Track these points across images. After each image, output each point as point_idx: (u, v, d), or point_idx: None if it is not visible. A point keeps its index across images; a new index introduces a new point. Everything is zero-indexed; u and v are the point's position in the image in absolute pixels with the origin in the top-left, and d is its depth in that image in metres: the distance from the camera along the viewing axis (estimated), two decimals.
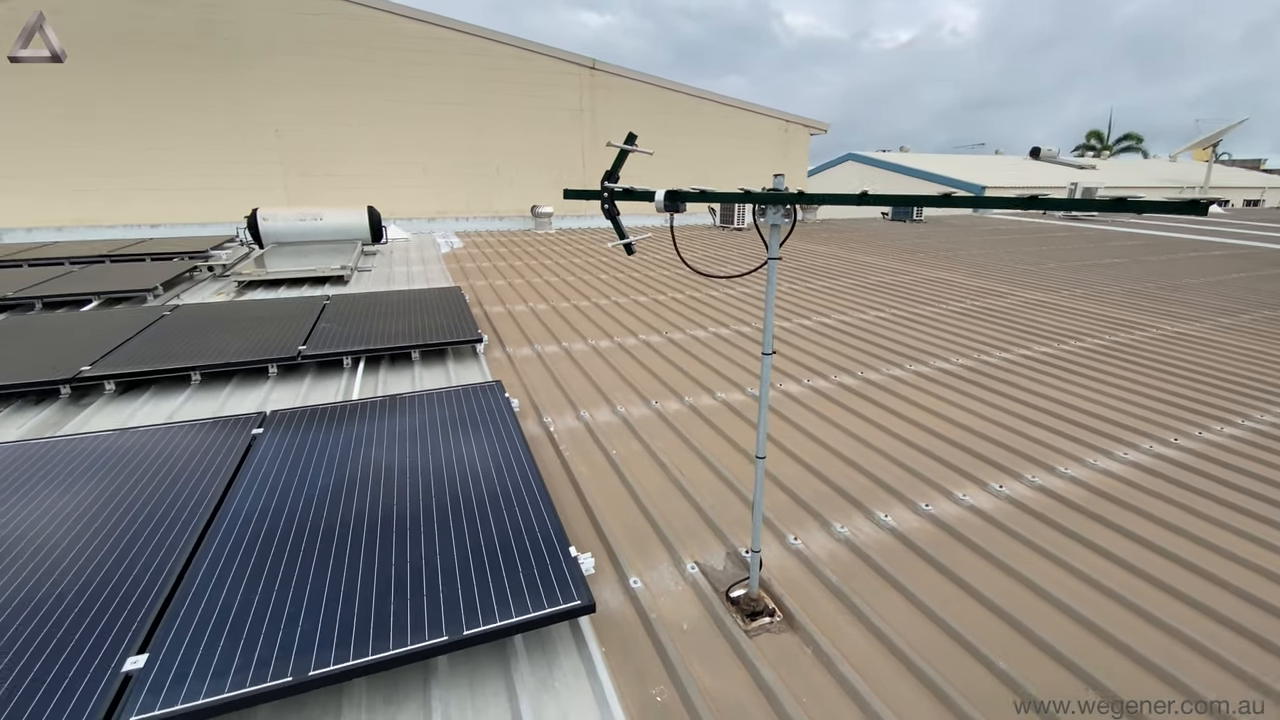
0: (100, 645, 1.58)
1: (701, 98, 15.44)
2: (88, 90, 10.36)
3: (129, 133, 10.74)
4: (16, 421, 3.21)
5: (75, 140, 10.46)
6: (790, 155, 16.91)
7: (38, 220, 10.48)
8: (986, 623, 1.95)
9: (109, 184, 10.81)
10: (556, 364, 4.31)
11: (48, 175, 10.43)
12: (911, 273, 8.25)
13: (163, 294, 6.08)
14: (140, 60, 10.57)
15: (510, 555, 1.93)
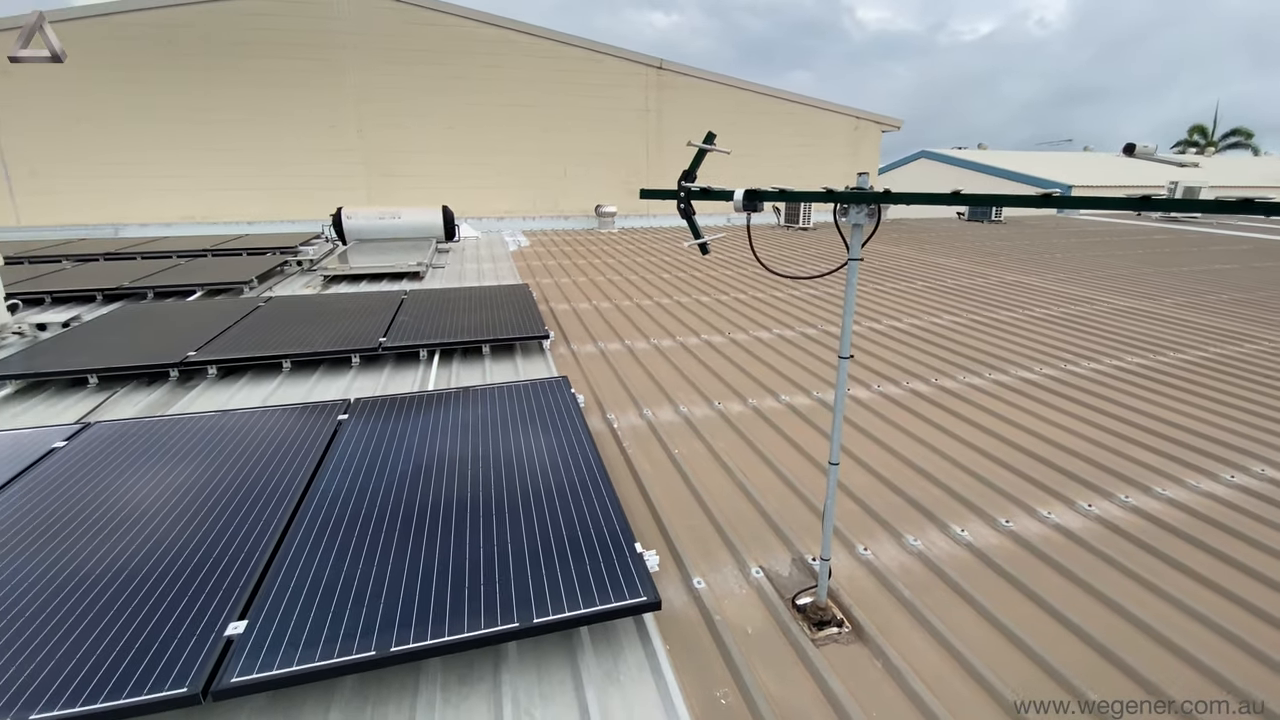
0: (205, 609, 1.71)
1: (768, 95, 15.20)
2: (201, 100, 11.25)
3: (232, 137, 11.59)
4: (134, 400, 3.53)
5: (187, 145, 11.39)
6: (861, 153, 16.42)
7: (151, 217, 11.48)
8: (1071, 647, 1.84)
9: (213, 184, 11.70)
10: (619, 361, 4.35)
11: (161, 176, 11.39)
12: (990, 276, 7.86)
13: (257, 286, 6.54)
14: (246, 73, 11.38)
15: (578, 548, 1.97)
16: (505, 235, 12.15)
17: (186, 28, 11.01)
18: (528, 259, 9.05)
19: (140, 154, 11.22)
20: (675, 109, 14.50)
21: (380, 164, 12.58)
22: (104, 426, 2.83)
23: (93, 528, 2.08)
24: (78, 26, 10.57)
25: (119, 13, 10.72)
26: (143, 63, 10.95)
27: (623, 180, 14.48)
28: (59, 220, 11.08)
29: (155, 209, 11.49)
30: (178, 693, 1.45)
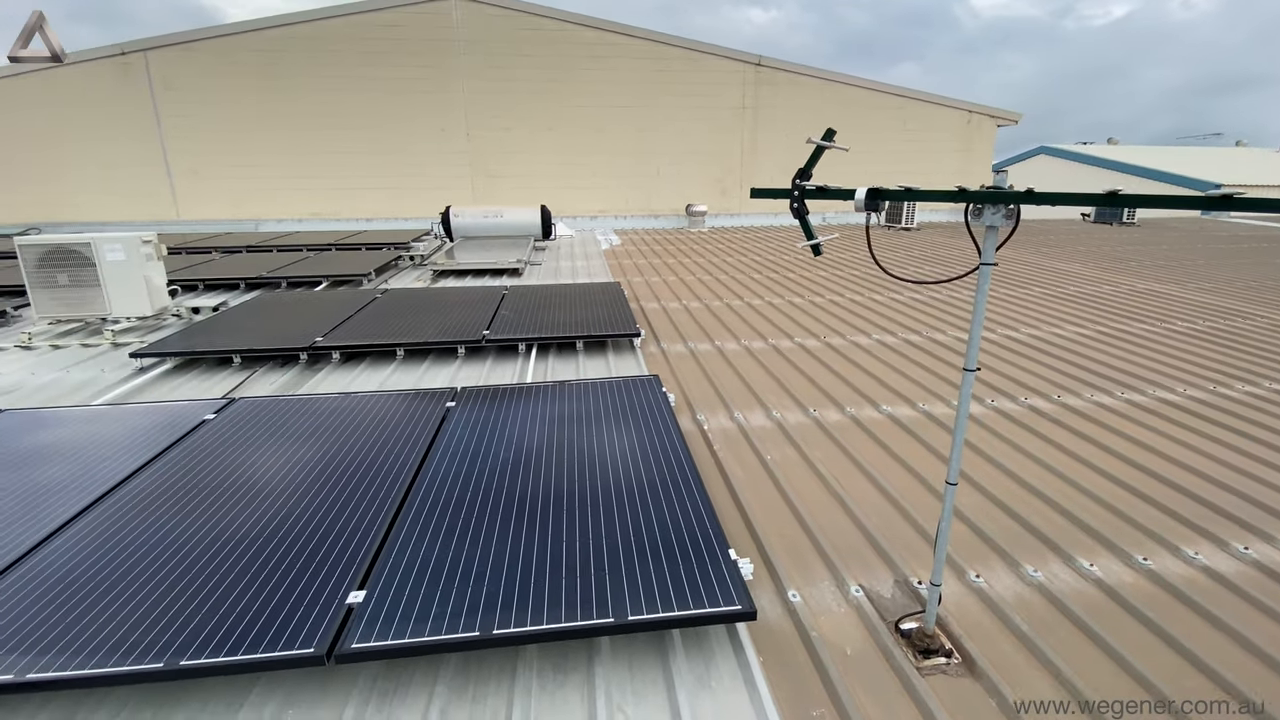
0: (330, 577, 1.85)
1: (871, 89, 14.53)
2: (329, 106, 12.28)
3: (355, 141, 12.55)
4: (270, 379, 3.90)
5: (316, 149, 12.46)
6: (974, 149, 15.36)
7: (285, 213, 12.67)
8: (1221, 711, 1.63)
9: (337, 184, 12.74)
10: (709, 362, 4.31)
11: (294, 177, 12.54)
12: (1119, 283, 7.12)
13: (374, 279, 7.05)
14: (370, 81, 12.30)
15: (670, 549, 1.96)
16: (598, 234, 12.39)
17: (321, 39, 12.02)
18: (619, 257, 9.18)
19: (277, 157, 12.39)
20: (773, 105, 14.18)
21: (485, 164, 13.18)
22: (246, 403, 3.14)
23: (233, 495, 2.31)
24: (228, 42, 11.82)
25: (264, 28, 11.87)
26: (281, 73, 12.07)
27: (715, 179, 14.36)
28: (210, 215, 12.47)
29: (288, 206, 12.66)
30: (305, 652, 1.57)
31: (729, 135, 14.23)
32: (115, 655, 1.57)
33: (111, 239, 4.62)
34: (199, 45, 11.74)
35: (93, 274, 4.55)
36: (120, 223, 12.13)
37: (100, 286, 4.57)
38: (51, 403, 3.53)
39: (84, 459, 2.54)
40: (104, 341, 4.60)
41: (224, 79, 11.93)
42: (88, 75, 11.55)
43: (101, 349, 4.51)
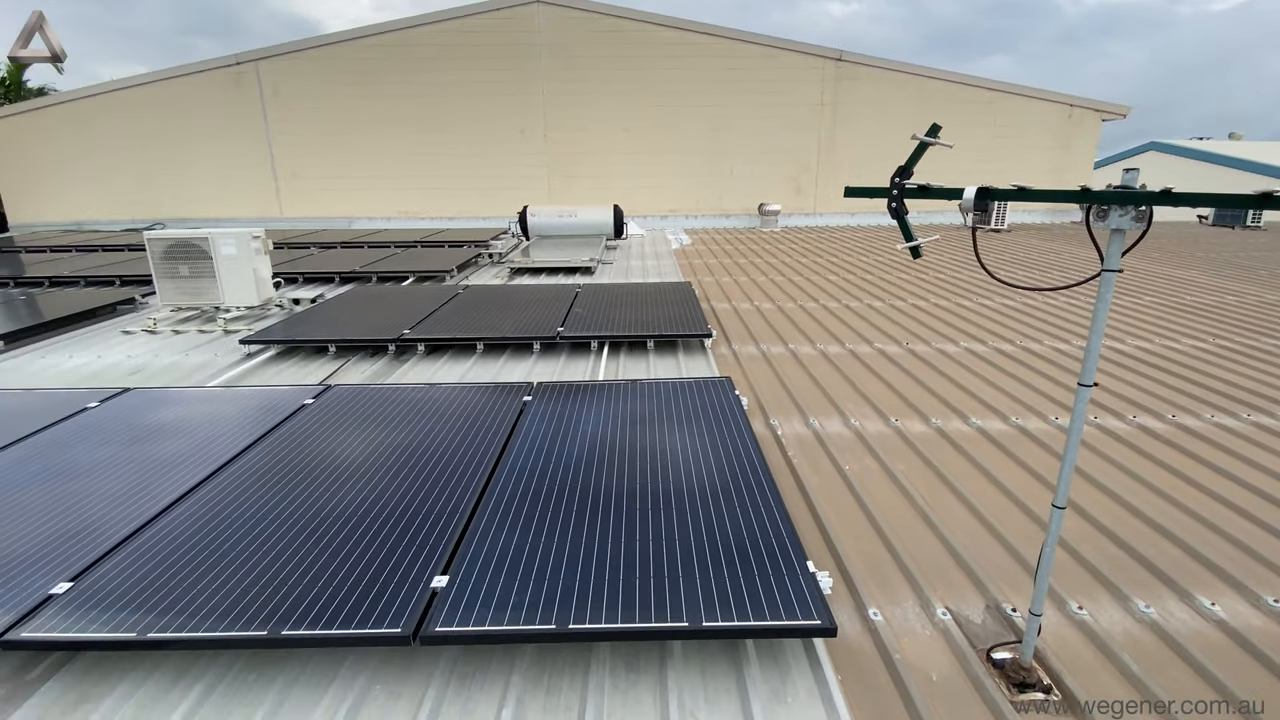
0: (415, 560, 1.93)
1: (960, 83, 13.79)
2: (416, 110, 12.89)
3: (439, 143, 13.12)
4: (361, 368, 4.13)
5: (403, 150, 13.11)
6: (1074, 146, 14.29)
7: (374, 212, 13.42)
8: None
9: (422, 185, 13.37)
10: (783, 366, 4.21)
11: (383, 177, 13.25)
12: (1244, 293, 6.43)
13: (456, 275, 7.34)
14: (455, 85, 12.82)
15: (746, 556, 1.93)
16: (668, 233, 12.39)
17: (409, 47, 12.62)
18: (689, 257, 9.14)
19: (368, 158, 13.13)
20: (853, 101, 13.71)
21: (560, 165, 13.46)
22: (341, 389, 3.33)
23: (329, 476, 2.45)
24: (328, 51, 12.61)
25: (359, 38, 12.59)
26: (373, 80, 12.77)
27: (789, 177, 14.05)
28: (308, 213, 13.36)
29: (378, 205, 13.40)
30: (392, 632, 1.64)
31: (805, 133, 13.87)
32: (225, 620, 1.69)
33: (225, 234, 5.03)
34: (303, 55, 12.59)
35: (209, 266, 4.98)
36: (231, 219, 13.21)
37: (215, 278, 4.98)
38: (172, 383, 3.88)
39: (200, 436, 2.78)
40: (217, 328, 5.02)
41: (323, 86, 12.74)
42: (207, 84, 12.63)
43: (214, 335, 4.92)
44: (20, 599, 1.78)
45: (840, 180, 14.07)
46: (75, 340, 4.89)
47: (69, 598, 1.78)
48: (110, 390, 3.34)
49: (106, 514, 2.18)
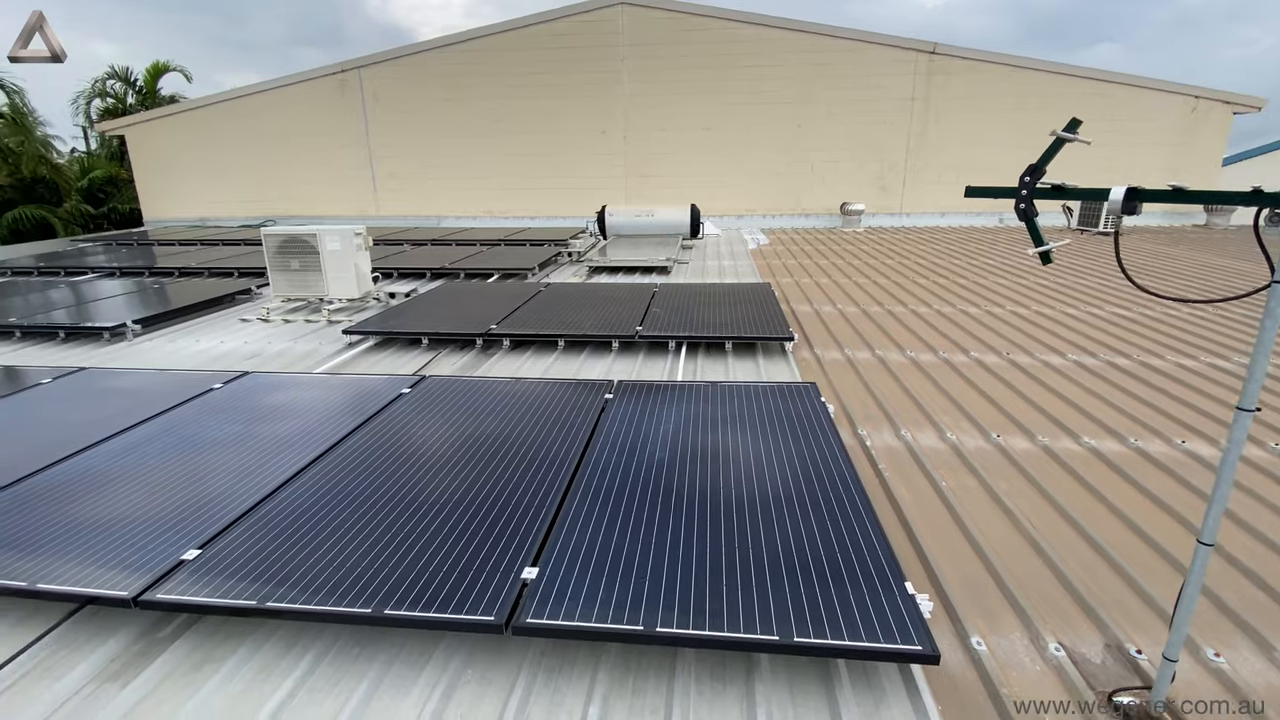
0: (506, 550, 1.98)
1: (1067, 74, 12.79)
2: (501, 113, 13.33)
3: (523, 144, 13.51)
4: (451, 361, 4.31)
5: (488, 152, 13.60)
6: (1198, 141, 12.96)
7: (462, 211, 14.00)
8: None
9: (505, 185, 13.82)
10: (870, 373, 4.04)
11: (470, 178, 13.80)
12: None
13: (537, 273, 7.53)
14: (539, 88, 13.17)
15: (838, 573, 1.85)
16: (744, 233, 12.21)
17: (497, 51, 13.06)
18: (767, 257, 8.96)
19: (457, 159, 13.70)
20: (947, 97, 13.01)
21: (638, 165, 13.54)
22: (434, 380, 3.48)
23: (425, 462, 2.56)
24: (422, 57, 13.24)
25: (451, 44, 13.14)
26: (463, 84, 13.29)
27: (875, 175, 13.51)
28: (401, 211, 14.11)
29: (464, 204, 13.97)
30: (486, 619, 1.69)
31: (893, 129, 13.30)
32: (334, 596, 1.79)
33: (331, 231, 5.37)
34: (401, 61, 13.29)
35: (316, 261, 5.34)
36: (333, 216, 14.13)
37: (321, 271, 5.34)
38: (283, 368, 4.19)
39: (310, 419, 2.97)
40: (321, 319, 5.38)
41: (418, 90, 13.40)
42: (315, 90, 13.57)
43: (319, 325, 5.27)
44: (156, 562, 1.96)
45: (929, 179, 13.40)
46: (200, 326, 5.39)
47: (197, 564, 1.94)
48: (231, 373, 3.64)
49: (230, 487, 2.37)
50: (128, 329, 4.99)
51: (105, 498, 2.33)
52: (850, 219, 13.01)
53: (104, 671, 1.76)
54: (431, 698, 1.63)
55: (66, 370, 3.80)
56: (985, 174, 13.22)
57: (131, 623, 1.92)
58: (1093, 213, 11.65)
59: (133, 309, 5.47)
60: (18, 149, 14.90)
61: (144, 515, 2.21)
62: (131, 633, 1.89)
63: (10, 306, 5.72)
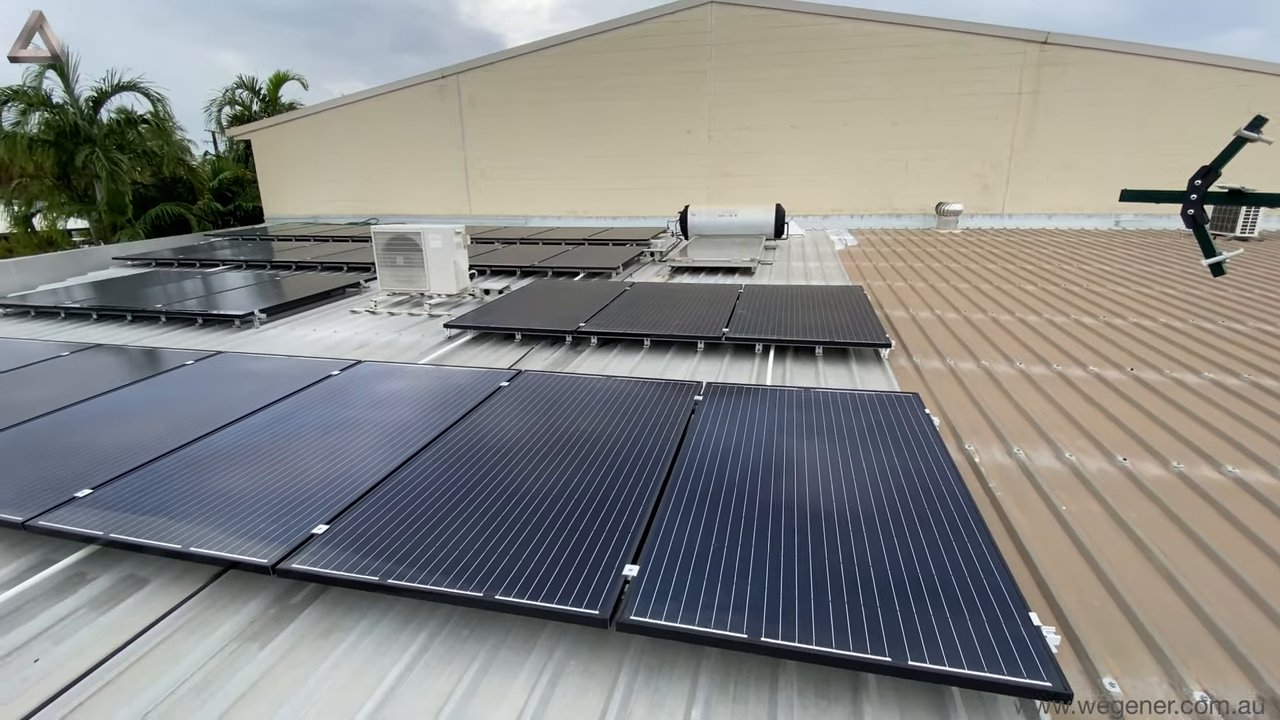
0: (607, 545, 2.02)
1: (1203, 63, 11.53)
2: (586, 114, 13.59)
3: (608, 145, 13.72)
4: (543, 356, 4.45)
5: (574, 152, 13.90)
6: None
7: (548, 211, 14.40)
8: None
9: (589, 185, 14.08)
10: (975, 384, 3.82)
11: (555, 178, 14.16)
12: None
13: (621, 272, 7.63)
14: (624, 89, 13.32)
15: (953, 597, 1.76)
16: (830, 233, 11.85)
17: (585, 54, 13.31)
18: (856, 259, 8.65)
19: (544, 161, 14.09)
20: (1059, 90, 12.08)
21: (721, 164, 13.43)
22: (529, 375, 3.60)
23: (524, 454, 2.65)
24: (515, 62, 13.70)
25: (543, 49, 13.51)
26: (552, 87, 13.64)
27: (975, 174, 12.75)
28: (491, 210, 14.68)
29: (550, 204, 14.36)
30: (591, 612, 1.73)
31: (997, 125, 12.49)
32: (447, 577, 1.89)
33: (433, 230, 5.67)
34: (495, 66, 13.81)
35: (419, 258, 5.65)
36: (430, 215, 14.90)
37: (424, 268, 5.64)
38: (390, 358, 4.46)
39: (419, 406, 3.15)
40: (423, 312, 5.69)
41: (509, 94, 13.88)
42: (416, 96, 14.34)
43: (421, 319, 5.58)
44: (291, 534, 2.13)
45: (1035, 178, 12.50)
46: (316, 316, 5.83)
47: (326, 538, 2.10)
48: (347, 361, 3.92)
49: (351, 468, 2.55)
50: (255, 317, 5.48)
51: (243, 471, 2.56)
52: (946, 219, 12.35)
53: (244, 632, 1.94)
54: (538, 684, 1.68)
55: (205, 354, 4.22)
56: (1102, 173, 12.17)
57: (268, 588, 2.11)
58: (1227, 216, 10.49)
59: (258, 299, 6.00)
60: (160, 152, 16.65)
61: (277, 489, 2.41)
62: (268, 597, 2.07)
63: (156, 294, 6.40)
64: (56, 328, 5.79)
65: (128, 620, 1.99)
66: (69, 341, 4.71)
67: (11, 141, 14.71)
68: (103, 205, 15.72)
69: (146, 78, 16.29)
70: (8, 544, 2.41)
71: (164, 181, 17.48)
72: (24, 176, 16.31)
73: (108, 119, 16.12)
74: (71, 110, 15.36)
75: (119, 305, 5.91)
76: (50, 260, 8.93)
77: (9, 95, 14.75)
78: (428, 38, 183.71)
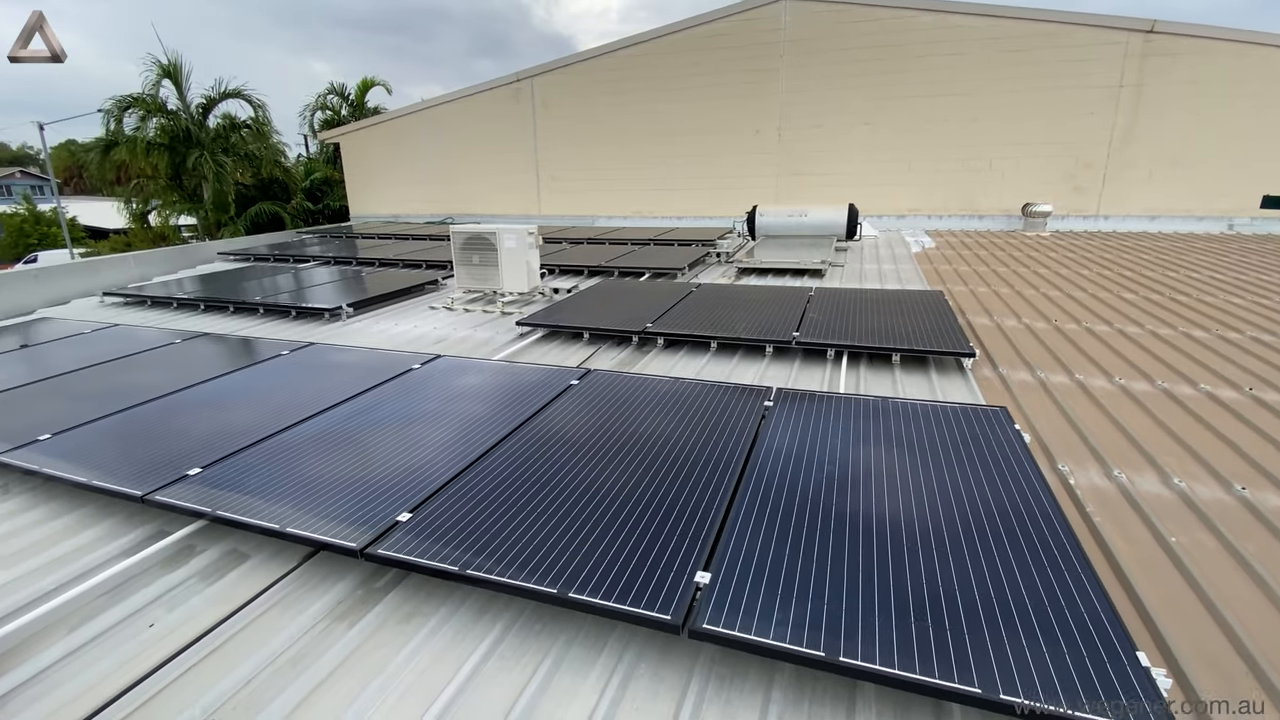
0: (678, 550, 2.01)
1: None
2: (652, 115, 13.62)
3: (674, 145, 13.70)
4: (610, 355, 4.50)
5: (642, 153, 13.96)
6: None
7: (612, 211, 14.53)
8: None
9: (653, 186, 14.11)
10: (1070, 400, 3.57)
11: (623, 179, 14.27)
12: None
13: (687, 273, 7.61)
14: (694, 90, 13.26)
15: (1049, 628, 1.65)
16: (906, 235, 11.40)
17: (656, 55, 13.33)
18: (934, 262, 8.27)
19: (612, 162, 14.22)
20: (1166, 82, 11.14)
21: (790, 163, 13.15)
22: (598, 374, 3.64)
23: (595, 453, 2.68)
24: (587, 65, 13.89)
25: (614, 50, 13.63)
26: (622, 89, 13.74)
27: (1067, 174, 11.95)
28: (558, 210, 14.97)
29: (615, 204, 14.48)
30: (664, 617, 1.72)
31: (1093, 121, 11.65)
32: (523, 570, 1.93)
33: (508, 230, 5.83)
34: (568, 69, 14.05)
35: (494, 257, 5.82)
36: (501, 215, 15.34)
37: (498, 267, 5.81)
38: (466, 353, 4.61)
39: (494, 401, 3.25)
40: (496, 310, 5.87)
41: (580, 96, 14.09)
42: (492, 100, 14.78)
43: (494, 316, 5.75)
44: (378, 521, 2.23)
45: (1136, 177, 11.58)
46: (398, 311, 6.12)
47: (409, 525, 2.19)
48: (427, 355, 4.08)
49: (432, 459, 2.66)
50: (343, 311, 5.81)
51: (332, 457, 2.71)
52: (1034, 221, 11.63)
53: (333, 611, 2.05)
54: (610, 684, 1.70)
55: (299, 345, 4.49)
56: (1214, 172, 11.15)
57: (355, 571, 2.22)
58: None
59: (345, 294, 6.35)
60: (259, 154, 17.90)
61: (363, 476, 2.54)
62: (354, 580, 2.18)
63: (254, 288, 6.89)
64: (169, 316, 6.33)
65: (232, 593, 2.14)
66: (180, 330, 5.14)
67: (132, 145, 16.20)
68: (209, 204, 17.06)
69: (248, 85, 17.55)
70: (127, 514, 2.65)
71: (262, 182, 18.78)
72: (141, 177, 17.94)
73: (214, 124, 17.47)
74: (184, 116, 16.75)
75: (222, 297, 6.40)
76: (164, 254, 9.76)
77: (130, 102, 16.25)
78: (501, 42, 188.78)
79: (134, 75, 38.93)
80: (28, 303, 7.04)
